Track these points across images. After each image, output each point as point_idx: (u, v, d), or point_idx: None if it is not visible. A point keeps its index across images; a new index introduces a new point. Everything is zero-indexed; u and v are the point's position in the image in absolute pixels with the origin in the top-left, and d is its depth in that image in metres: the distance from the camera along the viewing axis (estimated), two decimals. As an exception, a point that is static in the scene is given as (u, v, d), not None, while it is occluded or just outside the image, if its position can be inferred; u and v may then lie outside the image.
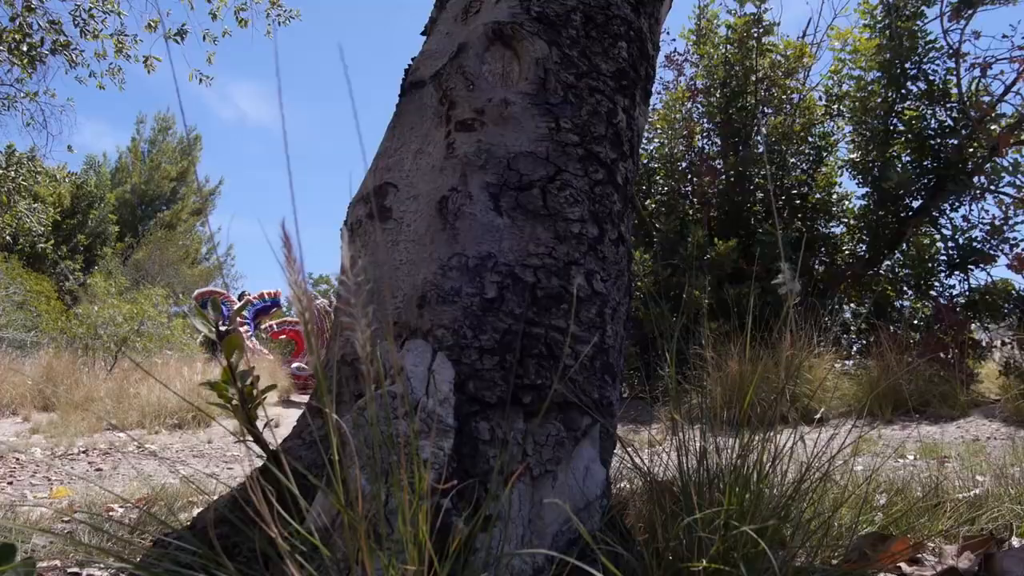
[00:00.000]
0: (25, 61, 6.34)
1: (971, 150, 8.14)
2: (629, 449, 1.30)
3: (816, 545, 1.18)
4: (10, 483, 5.09)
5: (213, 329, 1.28)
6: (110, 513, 3.51)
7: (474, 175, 1.40)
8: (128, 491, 4.31)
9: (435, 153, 1.49)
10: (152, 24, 6.88)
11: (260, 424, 1.47)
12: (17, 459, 6.39)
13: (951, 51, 8.35)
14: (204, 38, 7.14)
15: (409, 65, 1.79)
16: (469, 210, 1.37)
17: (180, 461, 6.64)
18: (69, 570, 2.40)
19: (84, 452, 6.91)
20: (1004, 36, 7.80)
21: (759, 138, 9.92)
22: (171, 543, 1.27)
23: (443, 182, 1.43)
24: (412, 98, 1.63)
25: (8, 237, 9.21)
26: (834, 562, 1.48)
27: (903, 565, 1.69)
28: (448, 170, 1.43)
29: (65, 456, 6.70)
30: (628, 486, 2.08)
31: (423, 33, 1.92)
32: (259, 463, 1.34)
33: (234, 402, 1.35)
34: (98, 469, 6.08)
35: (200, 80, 7.48)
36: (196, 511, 3.50)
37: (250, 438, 1.36)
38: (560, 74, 1.50)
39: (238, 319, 12.57)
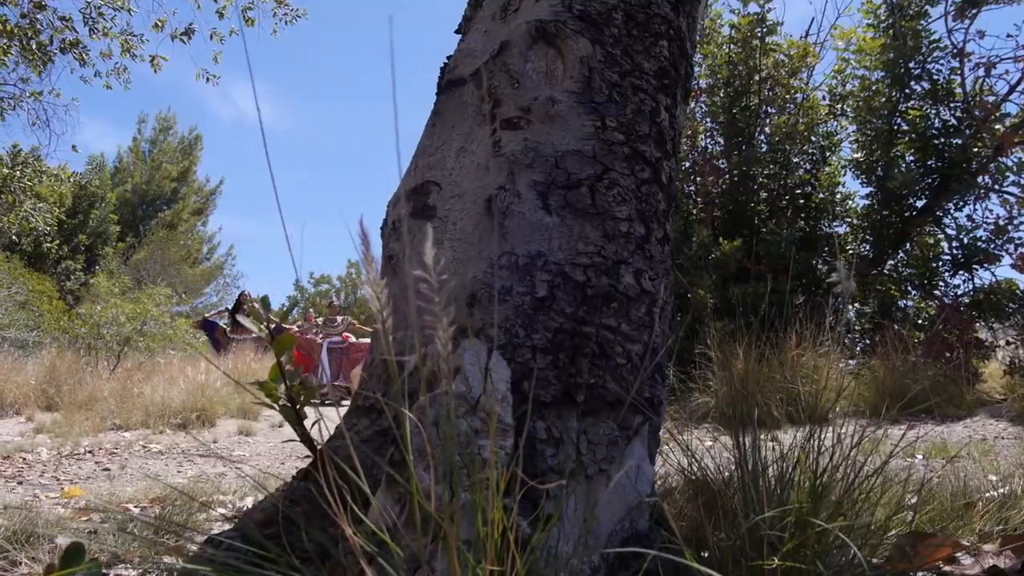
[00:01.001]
0: (35, 59, 6.32)
1: (975, 150, 8.15)
2: (678, 449, 1.30)
3: (876, 545, 1.18)
4: (20, 483, 5.08)
5: (264, 328, 1.28)
6: (128, 513, 3.50)
7: (522, 173, 1.40)
8: (140, 491, 4.29)
9: (479, 151, 1.49)
10: (159, 23, 6.85)
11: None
12: (24, 459, 6.37)
13: (955, 50, 8.36)
14: (211, 37, 7.13)
15: (445, 63, 1.78)
16: (518, 209, 1.37)
17: (187, 461, 6.63)
18: (96, 570, 2.39)
19: (90, 452, 6.88)
20: (1008, 36, 7.82)
21: (762, 137, 9.93)
22: (223, 541, 1.27)
23: (490, 180, 1.42)
24: (451, 96, 1.63)
25: (14, 236, 9.16)
26: (874, 560, 1.48)
27: (940, 564, 1.69)
28: (495, 168, 1.43)
29: (71, 456, 6.67)
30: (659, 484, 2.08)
31: (457, 31, 1.91)
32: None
33: (281, 401, 1.34)
34: (105, 469, 6.05)
35: (207, 79, 7.46)
36: (218, 510, 3.49)
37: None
38: (604, 73, 1.49)
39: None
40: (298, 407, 1.33)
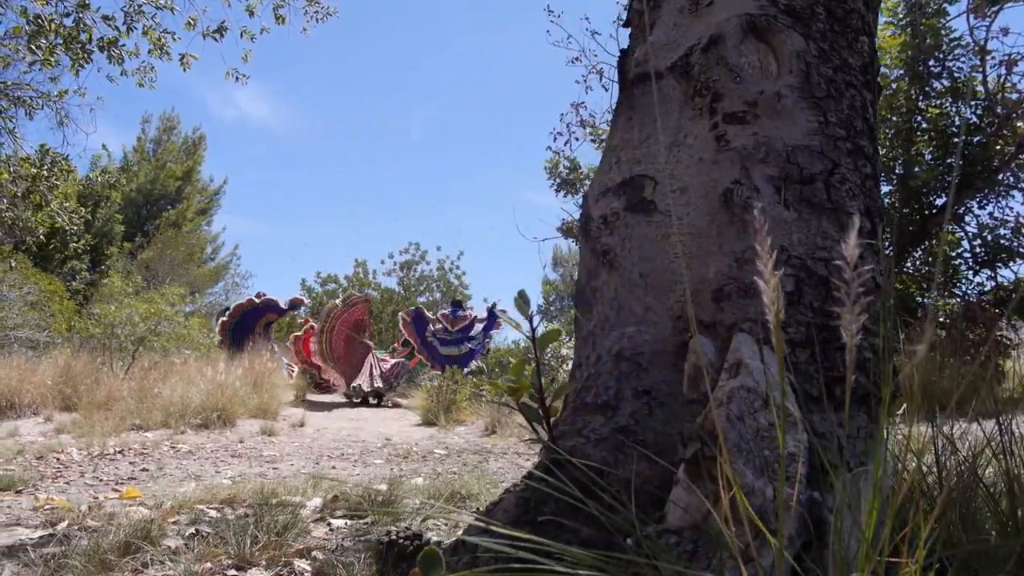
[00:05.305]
0: (78, 58, 6.23)
1: (998, 147, 8.24)
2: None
3: None
4: (68, 483, 5.02)
5: (528, 323, 1.26)
6: (209, 515, 3.46)
7: (755, 168, 1.40)
8: (202, 492, 4.24)
9: (697, 145, 1.48)
10: (191, 21, 6.77)
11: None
12: (58, 459, 6.30)
13: (976, 48, 8.44)
14: (242, 35, 7.05)
15: (622, 57, 1.77)
16: (757, 203, 1.36)
17: (221, 461, 6.57)
18: (228, 573, 2.37)
19: (120, 452, 6.81)
20: (1031, 35, 7.90)
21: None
22: (478, 545, 1.25)
23: (720, 175, 1.42)
24: (646, 90, 1.62)
25: (41, 236, 9.06)
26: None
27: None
28: (724, 163, 1.42)
29: (102, 456, 6.60)
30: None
31: (625, 25, 1.90)
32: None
33: (522, 399, 1.32)
34: (144, 469, 5.99)
35: (237, 79, 7.40)
36: (301, 511, 3.45)
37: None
38: (820, 68, 1.50)
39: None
40: (547, 406, 1.32)
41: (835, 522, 0.86)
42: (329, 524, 3.23)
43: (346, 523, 3.25)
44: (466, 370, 11.94)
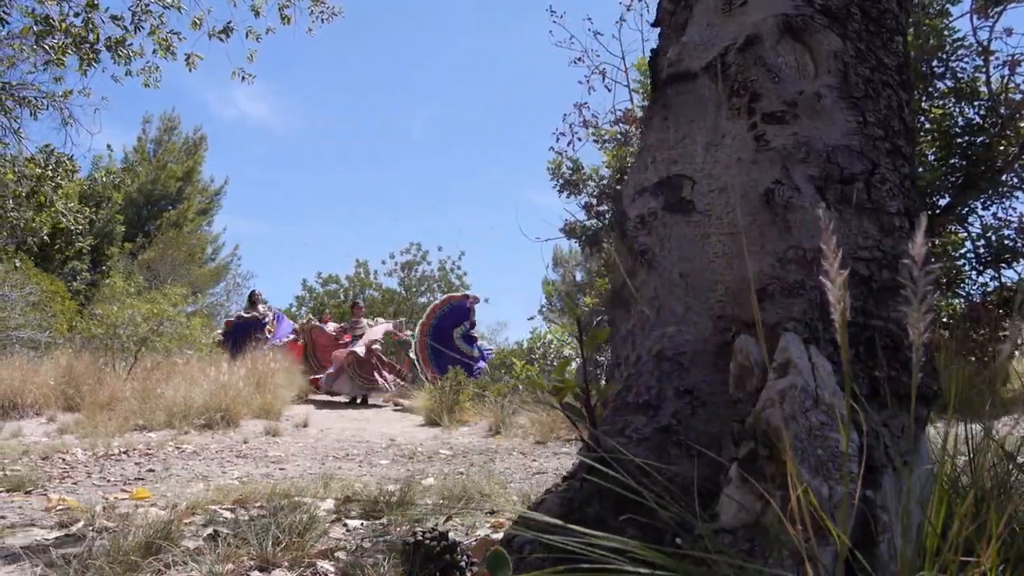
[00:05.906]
0: (88, 58, 6.22)
1: (1001, 148, 8.26)
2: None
3: None
4: (75, 483, 5.01)
5: (576, 323, 1.26)
6: (224, 516, 3.46)
7: (796, 168, 1.40)
8: (214, 492, 4.23)
9: (736, 145, 1.48)
10: (197, 21, 6.76)
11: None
12: (63, 459, 6.28)
13: (980, 48, 8.46)
14: (247, 35, 7.03)
15: (654, 57, 1.78)
16: (799, 203, 1.37)
17: (227, 461, 6.56)
18: (251, 574, 2.36)
19: (125, 453, 6.79)
20: (1034, 35, 7.91)
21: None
22: (526, 544, 1.25)
23: (760, 175, 1.42)
24: (681, 89, 1.62)
25: (44, 236, 9.04)
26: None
27: None
28: (764, 163, 1.43)
29: (107, 457, 6.57)
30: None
31: (654, 24, 1.90)
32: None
33: (566, 400, 1.32)
34: (150, 469, 5.97)
35: (243, 78, 7.38)
36: (316, 511, 3.43)
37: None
38: (857, 68, 1.50)
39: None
40: (594, 407, 1.32)
41: (901, 519, 0.86)
42: (345, 525, 3.22)
43: (362, 523, 3.24)
44: (476, 374, 11.78)
